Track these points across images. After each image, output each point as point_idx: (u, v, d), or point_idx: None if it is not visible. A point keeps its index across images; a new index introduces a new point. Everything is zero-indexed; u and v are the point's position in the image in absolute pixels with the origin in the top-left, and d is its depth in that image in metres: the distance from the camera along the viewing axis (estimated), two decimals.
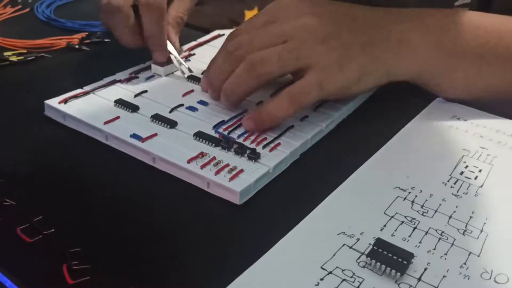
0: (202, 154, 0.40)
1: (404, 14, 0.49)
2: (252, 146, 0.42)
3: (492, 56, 0.48)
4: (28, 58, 0.57)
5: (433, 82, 0.50)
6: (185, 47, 0.59)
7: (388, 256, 0.32)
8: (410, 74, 0.49)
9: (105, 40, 0.62)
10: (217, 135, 0.43)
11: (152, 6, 0.51)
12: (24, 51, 0.58)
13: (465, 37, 0.48)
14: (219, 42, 0.60)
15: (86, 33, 0.64)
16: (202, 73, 0.52)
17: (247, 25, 0.48)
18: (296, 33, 0.44)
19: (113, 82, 0.50)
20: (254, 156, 0.40)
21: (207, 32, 0.65)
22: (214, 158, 0.40)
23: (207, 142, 0.42)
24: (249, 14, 1.84)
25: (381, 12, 0.49)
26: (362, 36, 0.46)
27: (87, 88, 0.49)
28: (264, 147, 0.42)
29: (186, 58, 0.57)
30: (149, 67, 0.54)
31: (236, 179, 0.38)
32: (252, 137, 0.43)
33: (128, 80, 0.51)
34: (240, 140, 0.43)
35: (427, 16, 0.49)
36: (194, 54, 0.58)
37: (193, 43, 0.61)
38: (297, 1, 0.47)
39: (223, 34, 0.63)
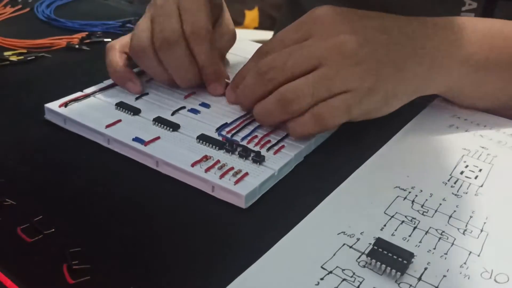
0: (206, 158, 0.40)
1: (437, 26, 0.46)
2: (256, 148, 0.42)
3: None
4: (28, 58, 0.57)
5: (463, 96, 0.50)
6: None
7: (388, 256, 0.32)
8: (439, 90, 0.48)
9: (105, 40, 0.62)
10: (220, 138, 0.43)
11: (200, 34, 0.47)
12: (24, 51, 0.58)
13: (493, 49, 0.47)
14: None
15: (86, 33, 0.64)
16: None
17: (279, 41, 0.45)
18: (331, 57, 0.42)
19: (114, 85, 0.50)
20: (258, 159, 0.40)
21: None
22: (218, 161, 0.40)
23: (210, 145, 0.42)
24: (249, 14, 1.84)
25: (415, 23, 0.46)
26: (396, 54, 0.44)
27: (87, 91, 0.48)
28: (268, 149, 0.42)
29: None
30: None
31: (241, 182, 0.38)
32: (256, 140, 0.43)
33: None
34: (244, 142, 0.43)
35: (458, 29, 0.47)
36: None
37: None
38: (331, 13, 0.44)
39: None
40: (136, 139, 0.42)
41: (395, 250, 0.32)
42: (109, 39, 0.62)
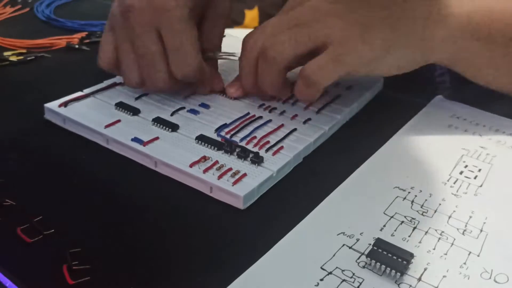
0: (204, 158, 0.40)
1: None
2: (255, 149, 0.42)
3: None
4: (28, 58, 0.57)
5: (469, 69, 0.48)
6: None
7: (388, 256, 0.32)
8: (442, 56, 0.46)
9: None
10: (219, 139, 0.43)
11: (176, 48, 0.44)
12: (24, 51, 0.58)
13: (494, 21, 0.45)
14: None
15: (86, 33, 0.64)
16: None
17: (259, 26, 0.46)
18: (309, 14, 0.42)
19: (114, 85, 0.50)
20: (257, 160, 0.40)
21: None
22: (216, 162, 0.40)
23: (209, 145, 0.42)
24: (249, 14, 1.84)
25: None
26: (381, 11, 0.43)
27: (87, 91, 0.48)
28: (267, 150, 0.42)
29: None
30: None
31: (240, 183, 0.38)
32: (255, 141, 0.43)
33: None
34: (243, 143, 0.43)
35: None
36: None
37: None
38: None
39: (224, 35, 0.63)
40: (135, 139, 0.42)
41: (394, 250, 0.32)
42: None
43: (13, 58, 0.57)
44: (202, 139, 0.42)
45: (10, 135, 0.44)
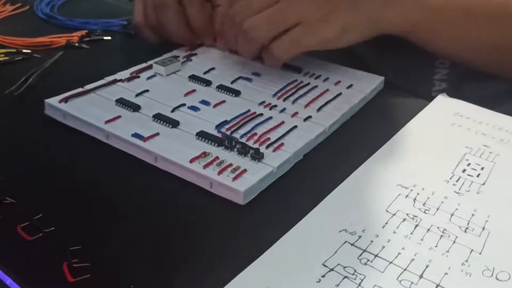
0: (205, 154, 0.40)
1: None
2: (256, 146, 0.42)
3: (479, 10, 0.49)
4: (16, 58, 0.56)
5: (421, 37, 0.51)
6: (187, 47, 0.59)
7: None
8: (397, 27, 0.50)
9: (105, 38, 0.62)
10: (219, 135, 0.43)
11: None
12: (14, 50, 0.58)
13: None
14: None
15: (86, 31, 0.63)
16: (204, 73, 0.54)
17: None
18: None
19: (114, 81, 0.50)
20: (257, 156, 0.40)
21: None
22: (217, 157, 0.40)
23: (209, 141, 0.42)
24: None
25: None
26: None
27: (88, 87, 0.48)
28: (267, 147, 0.42)
29: (188, 58, 0.56)
30: (150, 67, 0.53)
31: (240, 179, 0.38)
32: (256, 137, 0.43)
33: (129, 79, 0.51)
34: (243, 140, 0.42)
35: None
36: (196, 54, 0.58)
37: None
38: None
39: None
40: (135, 135, 0.42)
41: None
42: (109, 37, 0.62)
43: (1, 58, 0.56)
44: (203, 135, 0.42)
45: (10, 134, 0.44)
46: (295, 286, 0.30)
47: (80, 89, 0.48)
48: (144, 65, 0.54)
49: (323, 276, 0.31)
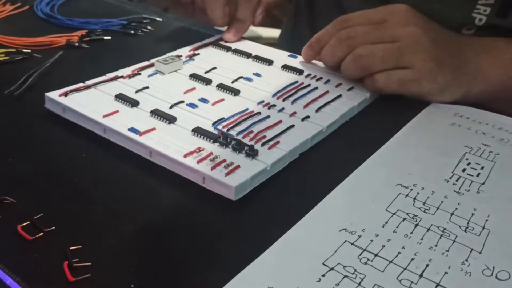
0: (199, 149, 0.40)
1: (482, 45, 0.55)
2: (251, 143, 0.42)
3: None
4: (16, 58, 0.56)
5: (501, 103, 0.54)
6: (190, 47, 0.59)
7: None
8: (481, 96, 0.53)
9: (105, 37, 0.62)
10: (216, 132, 0.43)
11: None
12: (14, 50, 0.58)
13: None
14: (223, 43, 0.61)
15: (86, 31, 0.63)
16: (205, 72, 0.54)
17: (360, 17, 0.53)
18: (404, 38, 0.50)
19: (115, 78, 0.50)
20: (252, 152, 0.40)
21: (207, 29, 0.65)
22: (211, 153, 0.40)
23: (205, 137, 0.42)
24: None
25: (464, 41, 0.55)
26: (452, 60, 0.52)
27: (89, 82, 0.49)
28: (263, 144, 0.42)
29: (191, 58, 0.57)
30: (152, 65, 0.54)
31: (232, 174, 0.38)
32: (251, 135, 0.43)
33: (130, 76, 0.51)
34: (239, 137, 0.42)
35: (497, 49, 0.55)
36: (198, 54, 0.58)
37: (198, 43, 0.60)
38: (404, 9, 0.53)
39: None
40: (132, 129, 0.42)
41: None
42: (109, 37, 0.62)
43: (0, 58, 0.56)
44: (199, 131, 0.42)
45: (9, 133, 0.44)
46: (295, 285, 0.30)
47: (81, 84, 0.48)
48: (146, 63, 0.54)
49: (323, 276, 0.31)
